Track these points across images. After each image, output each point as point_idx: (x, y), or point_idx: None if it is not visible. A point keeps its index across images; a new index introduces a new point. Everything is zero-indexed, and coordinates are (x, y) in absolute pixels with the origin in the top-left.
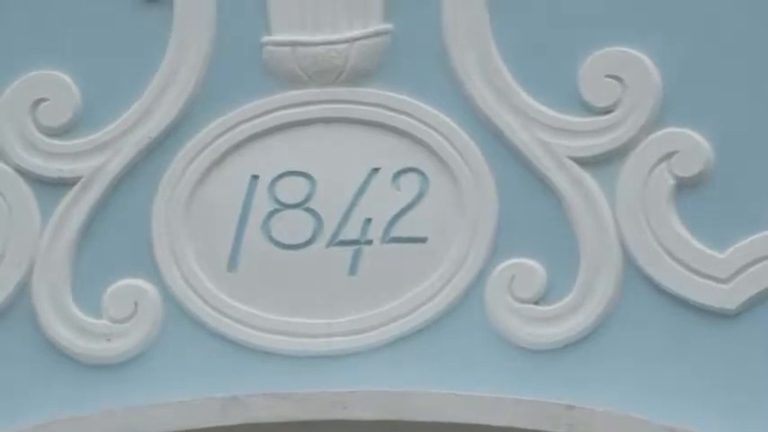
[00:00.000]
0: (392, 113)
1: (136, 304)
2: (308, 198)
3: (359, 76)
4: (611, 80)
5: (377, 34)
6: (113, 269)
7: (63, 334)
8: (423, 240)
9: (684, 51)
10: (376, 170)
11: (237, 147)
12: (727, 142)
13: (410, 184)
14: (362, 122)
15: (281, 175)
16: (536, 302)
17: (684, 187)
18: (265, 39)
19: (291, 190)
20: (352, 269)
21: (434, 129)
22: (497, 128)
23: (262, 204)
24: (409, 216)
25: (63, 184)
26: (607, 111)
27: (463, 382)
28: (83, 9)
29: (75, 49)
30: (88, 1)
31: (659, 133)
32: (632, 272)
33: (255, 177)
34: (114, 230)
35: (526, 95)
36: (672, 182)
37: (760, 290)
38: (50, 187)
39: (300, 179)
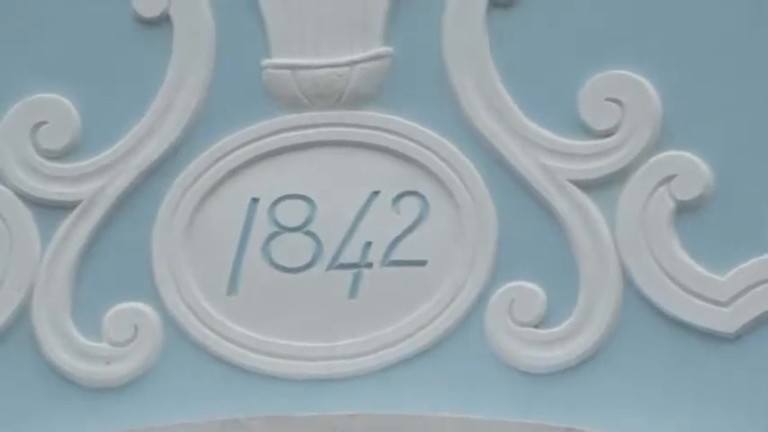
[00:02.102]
0: (392, 137)
1: (136, 327)
2: (308, 221)
3: (359, 100)
4: (611, 103)
5: (377, 57)
6: (113, 292)
7: (63, 357)
8: (423, 263)
9: (684, 75)
10: (376, 193)
11: (237, 170)
12: (727, 165)
13: (410, 207)
14: (362, 146)
15: (281, 199)
16: (536, 326)
17: (684, 210)
18: (265, 62)
19: (291, 213)
20: (352, 292)
21: (434, 152)
22: (497, 151)
23: (262, 227)
24: (409, 239)
25: (63, 208)
26: (607, 134)
27: (463, 405)
28: (82, 32)
29: (75, 72)
30: (88, 24)
31: (659, 156)
32: (632, 295)
33: (255, 200)
34: (114, 253)
35: (526, 118)
36: (672, 205)
37: (760, 313)
38: (50, 210)
39: (300, 202)
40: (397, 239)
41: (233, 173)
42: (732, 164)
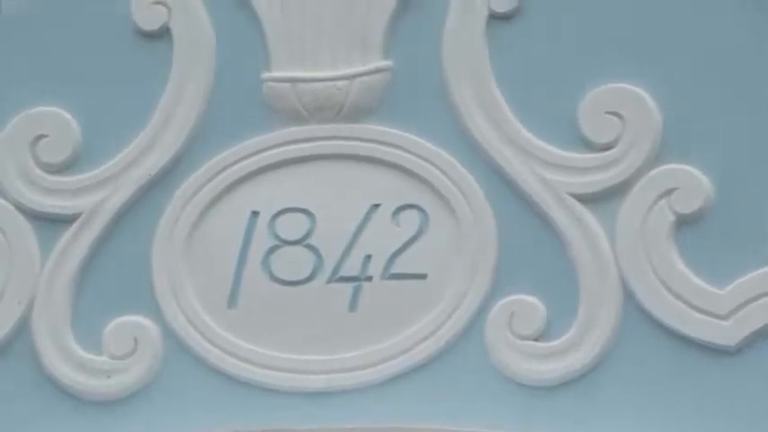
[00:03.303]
0: (392, 150)
1: (136, 340)
2: (308, 234)
3: (359, 113)
4: (611, 116)
5: (377, 71)
6: (113, 305)
7: (63, 370)
8: (423, 277)
9: (684, 88)
10: (376, 206)
11: (238, 183)
12: (727, 178)
13: (410, 220)
14: (362, 159)
15: (281, 212)
16: (536, 339)
17: (684, 223)
18: (265, 75)
19: (291, 226)
20: (352, 305)
21: (434, 165)
22: (497, 164)
23: (262, 241)
24: (409, 252)
25: (63, 221)
26: (607, 147)
27: (463, 418)
28: (82, 45)
29: (75, 85)
30: (88, 37)
31: (659, 170)
32: (632, 308)
33: (255, 214)
34: (114, 267)
35: (526, 132)
36: (672, 218)
37: (760, 326)
38: (50, 224)
39: (300, 215)
40: (397, 252)
41: (233, 186)
42: (732, 177)
